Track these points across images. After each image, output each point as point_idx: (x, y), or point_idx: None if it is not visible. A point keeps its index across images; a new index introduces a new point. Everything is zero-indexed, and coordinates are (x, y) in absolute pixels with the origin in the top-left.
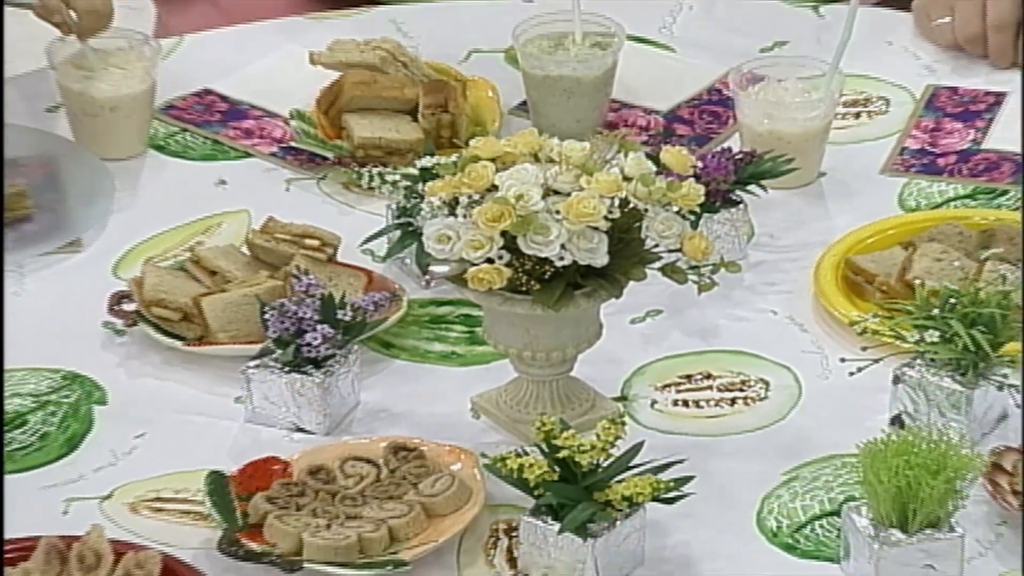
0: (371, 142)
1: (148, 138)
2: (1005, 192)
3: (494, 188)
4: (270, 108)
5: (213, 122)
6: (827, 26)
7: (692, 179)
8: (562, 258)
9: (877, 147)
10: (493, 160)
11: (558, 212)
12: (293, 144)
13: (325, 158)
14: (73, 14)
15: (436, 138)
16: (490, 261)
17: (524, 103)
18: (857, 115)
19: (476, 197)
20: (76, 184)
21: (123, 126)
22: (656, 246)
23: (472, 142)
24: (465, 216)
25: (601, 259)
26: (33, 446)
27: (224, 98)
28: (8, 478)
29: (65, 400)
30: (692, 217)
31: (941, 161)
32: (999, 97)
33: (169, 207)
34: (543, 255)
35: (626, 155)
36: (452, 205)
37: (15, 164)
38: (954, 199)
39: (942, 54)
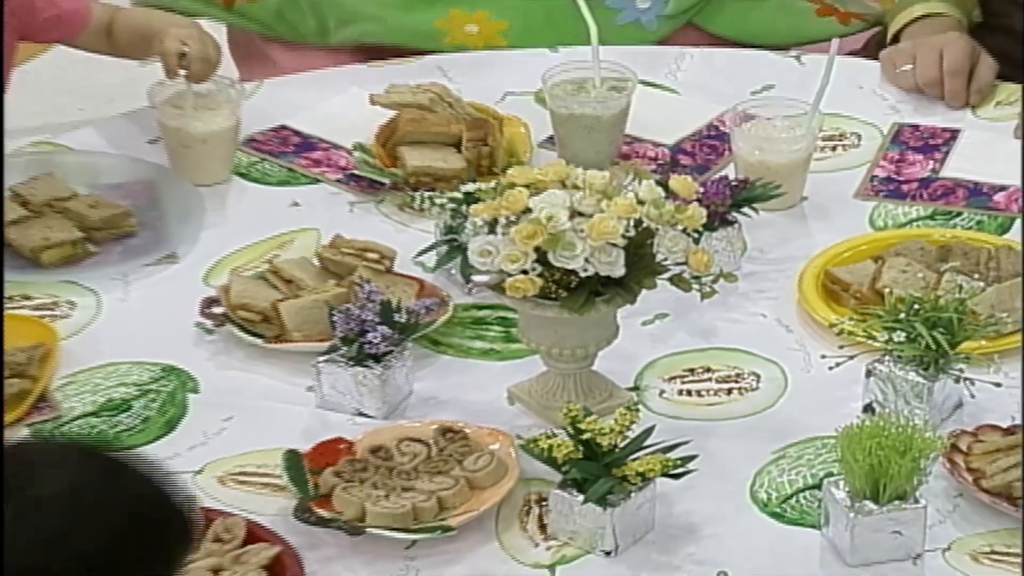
0: (422, 170)
1: (233, 166)
2: (960, 213)
3: (528, 210)
4: (336, 141)
5: (287, 153)
6: (808, 73)
7: (695, 203)
8: (586, 270)
9: (851, 175)
10: (527, 186)
11: (582, 231)
12: (355, 172)
13: (383, 184)
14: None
15: (477, 167)
16: (524, 272)
17: (551, 137)
18: (834, 148)
19: (513, 218)
20: (172, 206)
21: (212, 157)
22: (665, 260)
23: (509, 171)
24: (504, 234)
25: (619, 271)
26: (137, 428)
27: (297, 133)
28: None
29: (164, 389)
30: (695, 235)
31: (905, 187)
32: (954, 133)
33: (250, 225)
34: (569, 267)
35: (640, 182)
36: (492, 224)
37: (121, 188)
38: (916, 220)
39: (905, 96)
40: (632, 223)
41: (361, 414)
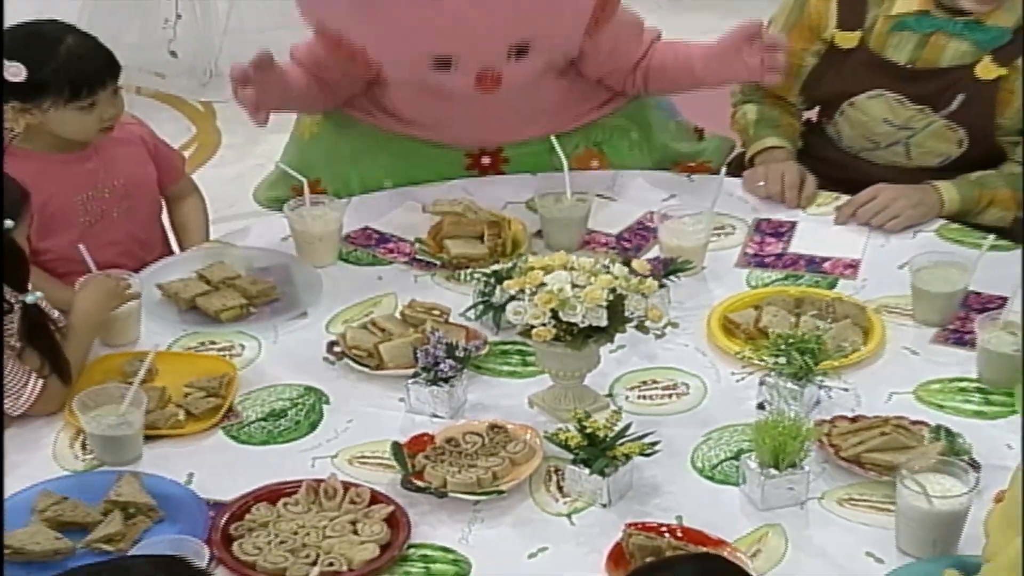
0: (460, 255)
1: (338, 254)
2: (802, 276)
3: (543, 284)
4: (402, 236)
5: (372, 245)
6: (697, 186)
7: (650, 276)
8: (583, 322)
9: (731, 252)
10: (542, 269)
11: (580, 297)
12: (417, 256)
13: (435, 264)
14: None
15: (495, 252)
16: (544, 325)
17: (539, 231)
18: (719, 236)
19: (533, 289)
20: (301, 281)
21: (324, 248)
22: (632, 314)
23: (529, 259)
24: (529, 300)
25: (603, 322)
26: (291, 428)
27: (377, 231)
28: (277, 447)
29: (307, 401)
30: (649, 296)
31: (766, 260)
32: (793, 224)
33: (352, 293)
34: (572, 321)
35: (613, 264)
36: (519, 293)
37: (268, 270)
38: (775, 280)
39: (760, 201)
40: (611, 291)
41: (436, 416)
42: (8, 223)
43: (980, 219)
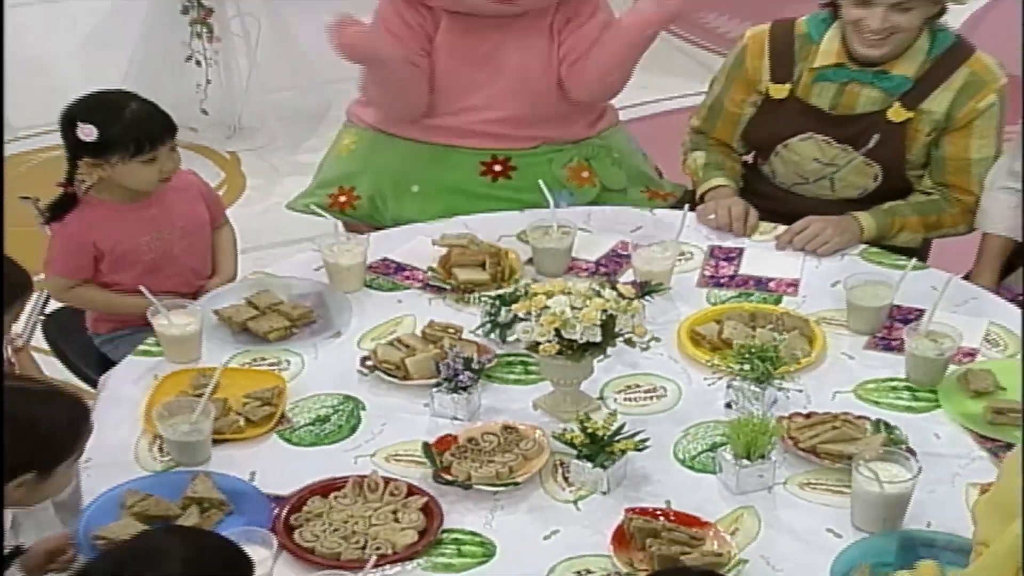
0: (467, 281)
1: (364, 282)
2: (752, 294)
3: (547, 307)
4: (417, 265)
5: (391, 273)
6: (659, 220)
7: (634, 298)
8: (581, 339)
9: (692, 275)
10: (545, 294)
11: (578, 318)
12: (430, 282)
13: (446, 288)
14: None
15: (496, 278)
16: (549, 342)
17: (531, 259)
18: (681, 260)
19: (537, 312)
20: (333, 305)
21: (353, 276)
22: (621, 331)
23: (533, 286)
24: (535, 320)
25: (597, 338)
26: (334, 431)
27: (395, 262)
28: (324, 448)
29: (346, 408)
30: (635, 316)
31: (721, 280)
32: (741, 250)
33: (376, 313)
34: (572, 338)
35: (603, 288)
36: (527, 315)
37: (306, 296)
38: (731, 298)
39: (713, 232)
40: (603, 312)
41: (456, 419)
42: None
43: (894, 242)
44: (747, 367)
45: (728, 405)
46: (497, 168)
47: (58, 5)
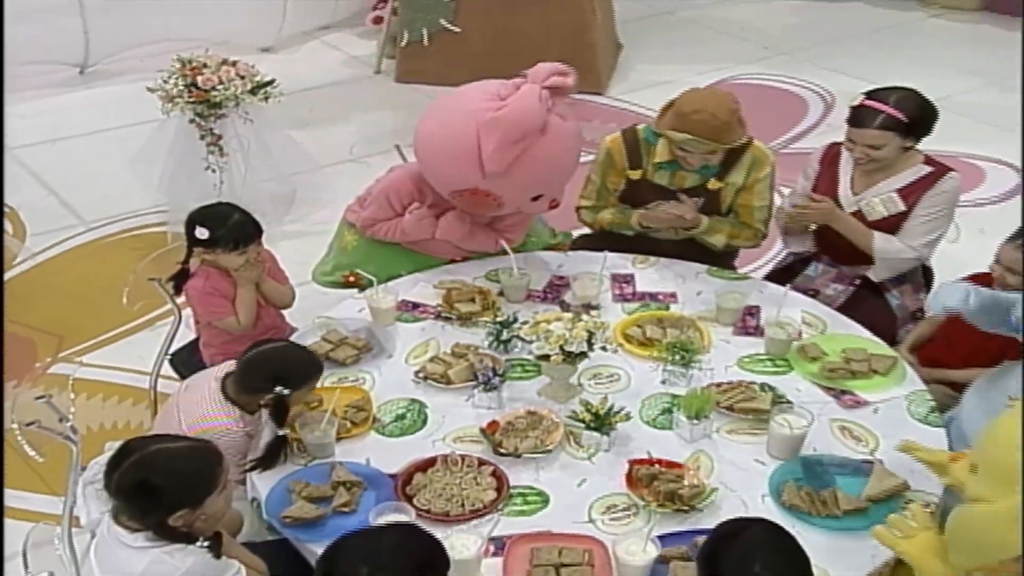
0: (467, 312)
1: (395, 317)
2: (649, 304)
3: (550, 331)
4: (427, 303)
5: (410, 310)
6: (576, 258)
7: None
8: (576, 349)
9: (608, 294)
10: (546, 321)
11: (572, 336)
12: (441, 314)
13: (452, 318)
14: None
15: (485, 307)
16: (555, 353)
17: (501, 292)
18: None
19: (545, 334)
20: (381, 335)
21: (389, 315)
22: (595, 341)
23: (538, 315)
24: (544, 340)
25: (585, 348)
26: (413, 424)
27: (411, 302)
28: (407, 437)
29: (413, 407)
30: (604, 331)
31: (628, 296)
32: (632, 275)
33: (409, 339)
34: (569, 350)
35: (580, 316)
36: (536, 337)
37: (358, 331)
38: (639, 308)
39: (609, 266)
40: (588, 331)
41: (491, 408)
42: (282, 390)
43: (712, 239)
44: (676, 356)
45: (663, 382)
46: (459, 259)
47: (119, 132)
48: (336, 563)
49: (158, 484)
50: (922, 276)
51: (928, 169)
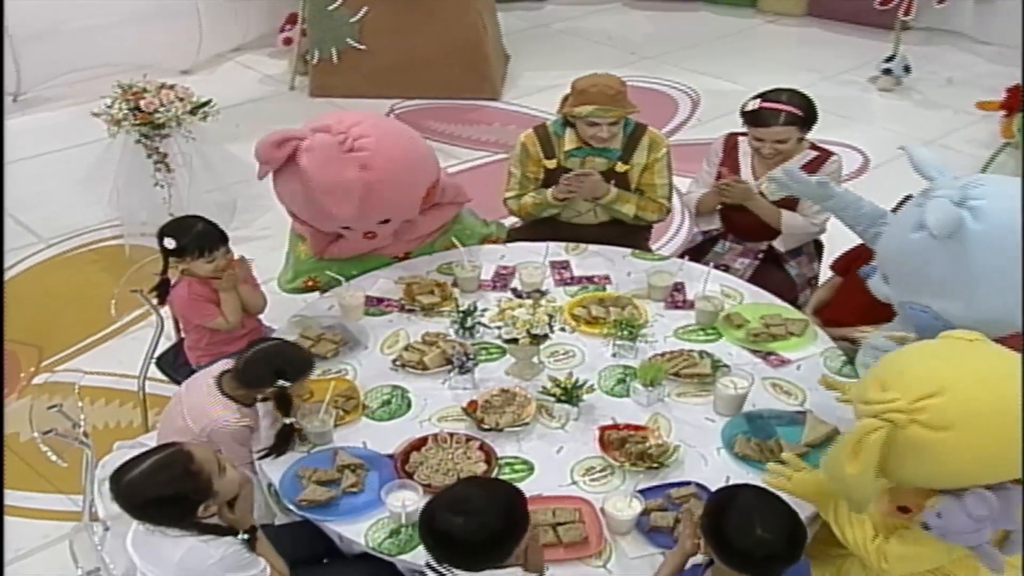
0: (428, 303)
1: (363, 312)
2: (588, 287)
3: (515, 316)
4: (391, 297)
5: (376, 304)
6: (518, 249)
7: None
8: (540, 332)
9: (550, 280)
10: (510, 308)
11: (536, 320)
12: (404, 307)
13: (415, 309)
14: None
15: (444, 298)
16: (523, 337)
17: (455, 283)
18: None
19: (511, 320)
20: (353, 329)
21: (357, 310)
22: (553, 323)
23: (503, 301)
24: (512, 325)
25: (546, 331)
26: (398, 408)
27: (376, 297)
28: (396, 420)
29: (397, 392)
30: (561, 314)
31: (567, 280)
32: (568, 261)
33: (379, 330)
34: (534, 332)
35: (538, 302)
36: (503, 323)
37: (332, 327)
38: (579, 291)
39: (549, 257)
40: (548, 315)
41: (466, 388)
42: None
43: (621, 208)
44: (624, 331)
45: (614, 355)
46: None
47: (63, 154)
48: (433, 522)
49: (163, 497)
50: (814, 248)
51: (814, 153)
